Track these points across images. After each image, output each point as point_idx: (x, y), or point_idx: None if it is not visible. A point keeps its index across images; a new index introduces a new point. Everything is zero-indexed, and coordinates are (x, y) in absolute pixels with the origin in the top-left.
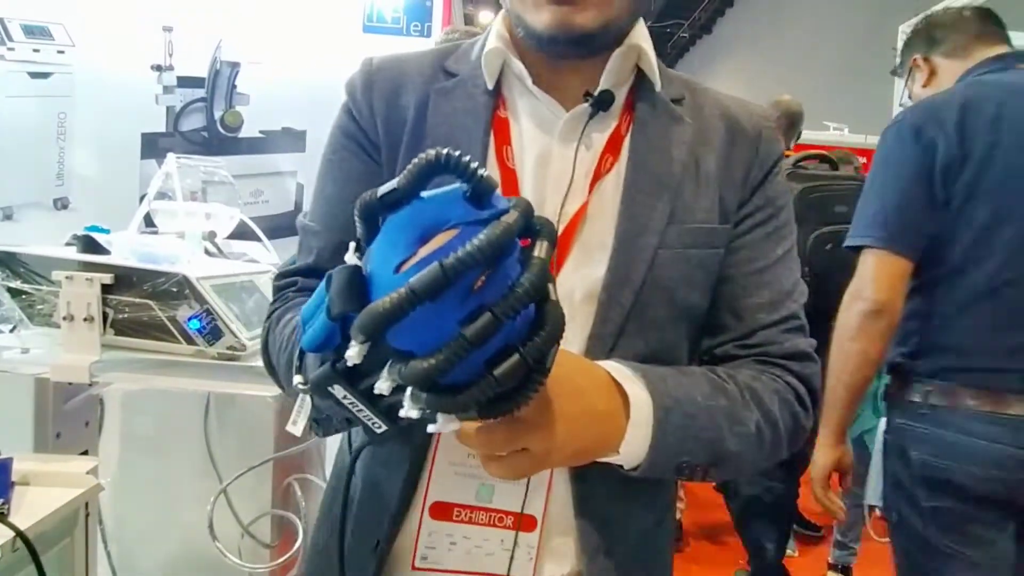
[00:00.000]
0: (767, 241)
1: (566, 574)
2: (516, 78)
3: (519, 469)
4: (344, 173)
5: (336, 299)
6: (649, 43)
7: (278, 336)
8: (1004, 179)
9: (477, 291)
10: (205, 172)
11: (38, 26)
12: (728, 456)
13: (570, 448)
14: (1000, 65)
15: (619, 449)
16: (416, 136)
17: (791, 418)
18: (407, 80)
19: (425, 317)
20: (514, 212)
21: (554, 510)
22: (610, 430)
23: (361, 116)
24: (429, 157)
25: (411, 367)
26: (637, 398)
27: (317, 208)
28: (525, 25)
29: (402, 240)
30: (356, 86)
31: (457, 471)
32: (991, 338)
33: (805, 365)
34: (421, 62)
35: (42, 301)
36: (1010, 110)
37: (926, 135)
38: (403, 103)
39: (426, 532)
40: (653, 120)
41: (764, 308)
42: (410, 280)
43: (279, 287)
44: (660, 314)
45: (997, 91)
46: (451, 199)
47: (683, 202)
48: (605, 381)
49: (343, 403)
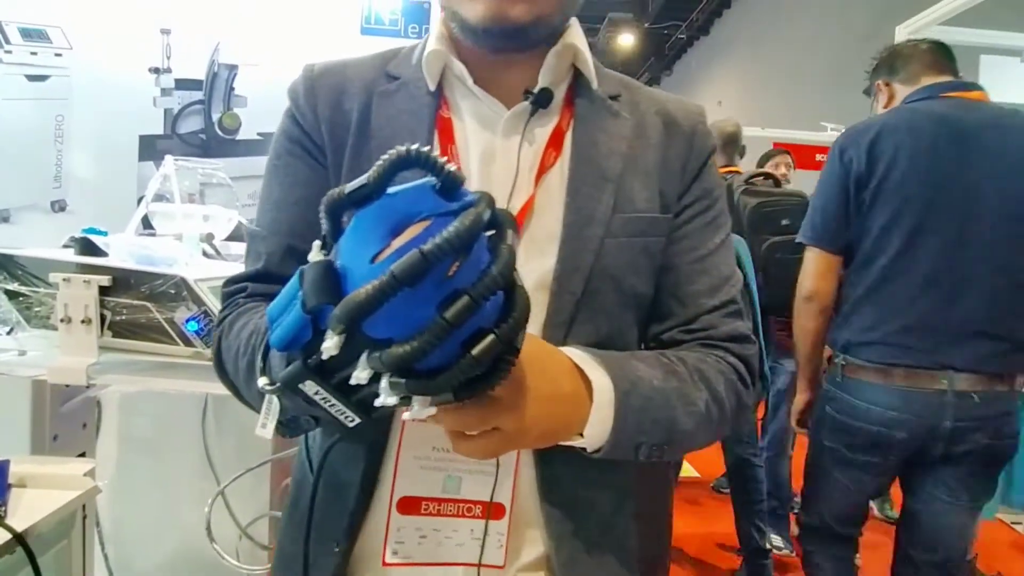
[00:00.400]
0: (706, 230)
1: (535, 559)
2: (457, 79)
3: (490, 448)
4: (290, 177)
5: (311, 292)
6: (584, 43)
7: (233, 342)
8: (898, 188)
9: (451, 277)
10: (203, 174)
11: (36, 29)
12: (681, 435)
13: (539, 428)
14: (926, 94)
15: (583, 431)
16: (361, 139)
17: (735, 396)
18: (349, 85)
19: (403, 304)
20: (482, 202)
21: (521, 496)
22: (575, 412)
23: (305, 120)
24: (400, 152)
25: (392, 352)
26: (599, 382)
27: (264, 213)
28: (460, 19)
29: (374, 234)
30: (299, 92)
31: (422, 465)
32: (884, 320)
33: (745, 347)
34: (363, 66)
35: (39, 303)
36: (913, 132)
37: (847, 155)
38: (346, 107)
39: (395, 527)
40: (593, 115)
41: (705, 294)
42: (391, 267)
43: (228, 293)
44: (609, 301)
45: (911, 115)
46: (421, 193)
47: (625, 193)
48: (568, 365)
49: (314, 399)
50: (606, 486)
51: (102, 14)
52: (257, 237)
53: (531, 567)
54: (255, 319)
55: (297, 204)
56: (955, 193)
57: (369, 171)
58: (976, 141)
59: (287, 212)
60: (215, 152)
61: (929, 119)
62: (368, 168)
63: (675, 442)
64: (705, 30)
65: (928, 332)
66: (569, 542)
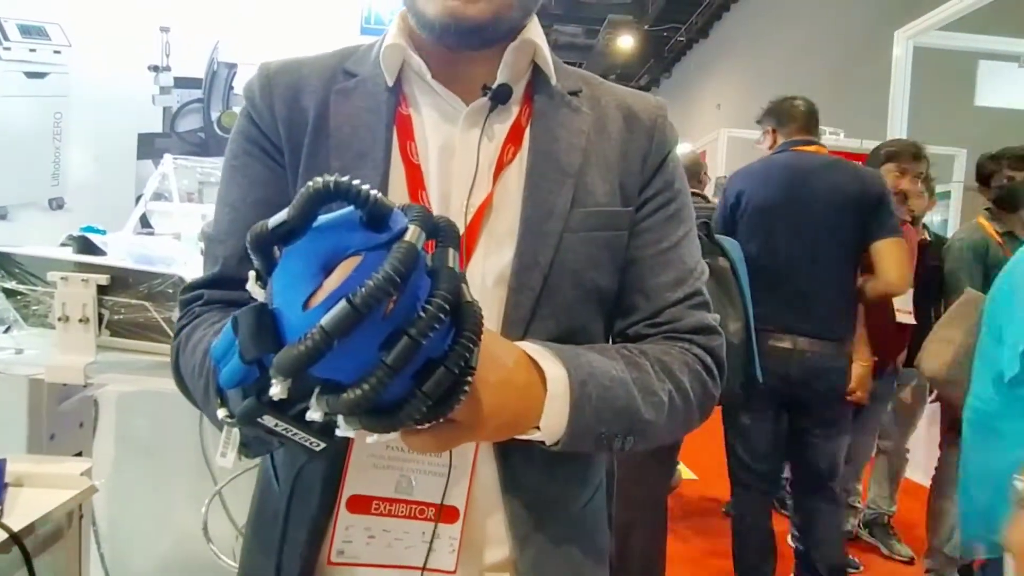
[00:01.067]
0: (669, 223)
1: (499, 561)
2: (416, 74)
3: (442, 441)
4: (248, 178)
5: (248, 344)
6: (543, 39)
7: (189, 358)
8: (752, 213)
9: (390, 314)
10: (201, 173)
11: (35, 26)
12: (644, 425)
13: (494, 421)
14: (782, 147)
15: (539, 424)
16: (318, 137)
17: (700, 387)
18: (306, 83)
19: (344, 350)
20: (414, 228)
21: (480, 498)
22: (530, 404)
23: (262, 120)
24: (317, 186)
25: (341, 400)
26: (553, 372)
27: (221, 216)
28: (419, 14)
29: (305, 272)
30: (255, 90)
31: (376, 464)
32: (766, 300)
33: (711, 338)
34: (320, 64)
35: (37, 302)
36: (761, 174)
37: (729, 189)
38: (303, 105)
39: (343, 526)
40: (552, 110)
41: (669, 287)
42: (321, 321)
43: (185, 302)
44: (569, 296)
45: (765, 163)
46: (347, 225)
47: (585, 187)
48: (522, 357)
49: (275, 430)
50: (572, 482)
51: (101, 11)
52: (214, 240)
53: (495, 569)
54: (209, 335)
55: (255, 206)
56: (790, 212)
57: (290, 205)
58: (804, 178)
59: (244, 214)
60: (214, 151)
61: (777, 166)
62: (325, 167)
63: (638, 433)
64: (705, 33)
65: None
66: (535, 542)
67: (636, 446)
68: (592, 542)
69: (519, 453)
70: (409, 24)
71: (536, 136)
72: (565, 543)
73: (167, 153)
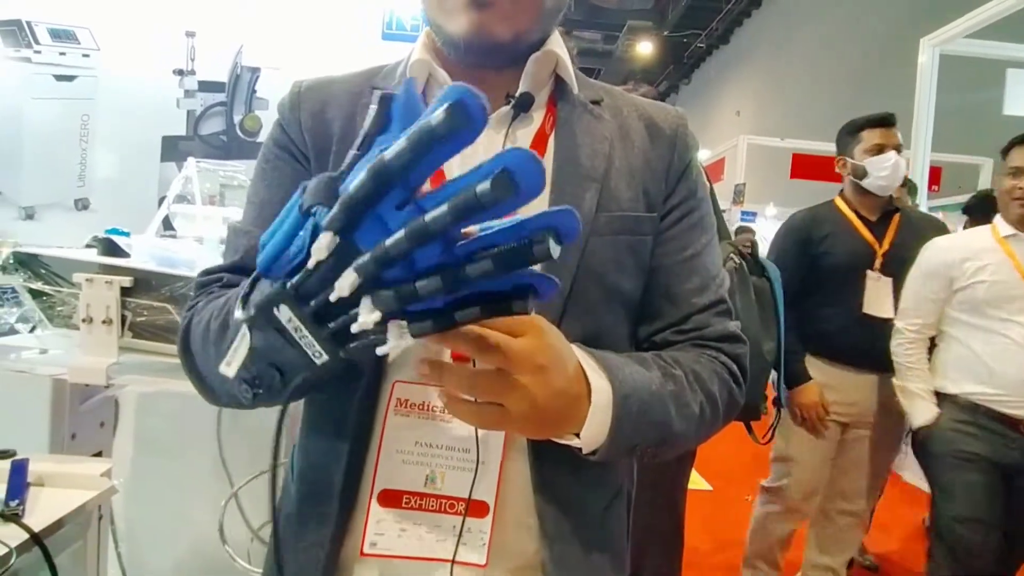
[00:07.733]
0: (693, 231)
1: (527, 559)
2: (440, 87)
3: (486, 419)
4: (276, 179)
5: (311, 195)
6: (565, 51)
7: (204, 315)
8: None
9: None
10: (224, 176)
11: (64, 30)
12: (674, 437)
13: (540, 418)
14: None
15: (579, 432)
16: (345, 146)
17: (728, 394)
18: (333, 98)
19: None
20: None
21: (510, 494)
22: (575, 413)
23: (290, 129)
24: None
25: (381, 247)
26: (597, 384)
27: (248, 212)
28: (443, 33)
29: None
30: (286, 105)
31: (404, 459)
32: None
33: (736, 346)
34: (349, 82)
35: (62, 303)
36: None
37: None
38: (329, 117)
39: (374, 519)
40: (575, 118)
41: (696, 293)
42: (378, 154)
43: (202, 283)
44: (594, 298)
45: None
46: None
47: (609, 192)
48: (578, 367)
49: (286, 328)
50: (597, 485)
51: (129, 16)
52: (239, 233)
53: (523, 567)
54: (232, 297)
55: (282, 203)
56: None
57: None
58: None
59: (270, 210)
60: (236, 154)
61: None
62: None
63: (668, 443)
64: (725, 39)
65: None
66: (563, 542)
67: (664, 455)
68: (614, 549)
69: (552, 453)
70: (433, 41)
71: (560, 142)
72: (590, 546)
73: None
